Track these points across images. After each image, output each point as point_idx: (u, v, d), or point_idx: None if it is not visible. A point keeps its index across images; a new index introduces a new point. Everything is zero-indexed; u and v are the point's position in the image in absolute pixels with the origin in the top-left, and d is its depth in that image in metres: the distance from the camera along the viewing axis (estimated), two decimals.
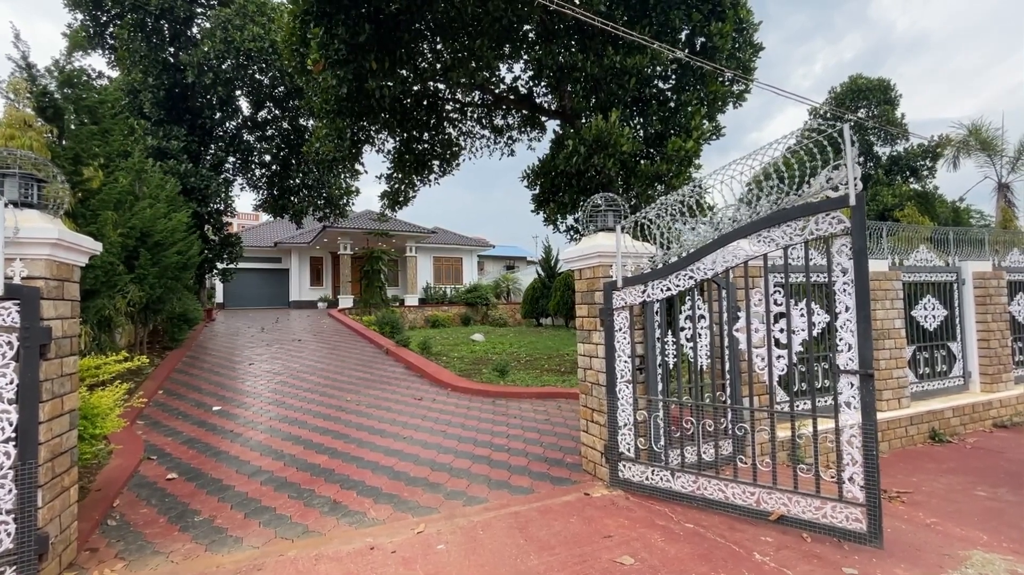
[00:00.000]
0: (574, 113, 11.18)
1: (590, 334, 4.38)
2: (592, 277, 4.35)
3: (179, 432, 5.83)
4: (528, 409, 6.85)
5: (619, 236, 4.07)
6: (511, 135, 14.39)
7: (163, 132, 14.46)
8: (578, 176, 9.96)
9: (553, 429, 5.86)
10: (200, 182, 14.76)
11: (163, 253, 7.99)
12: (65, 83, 5.68)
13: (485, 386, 8.05)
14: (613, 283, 4.10)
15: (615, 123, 8.84)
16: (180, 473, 4.56)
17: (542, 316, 22.52)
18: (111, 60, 16.82)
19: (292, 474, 4.51)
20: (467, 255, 29.97)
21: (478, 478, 4.39)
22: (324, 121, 10.42)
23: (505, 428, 5.91)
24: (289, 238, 26.49)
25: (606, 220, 4.40)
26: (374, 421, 6.25)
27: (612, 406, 4.08)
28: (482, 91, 12.45)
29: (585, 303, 4.46)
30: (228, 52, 14.13)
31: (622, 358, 4.05)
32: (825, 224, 3.15)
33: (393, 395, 7.71)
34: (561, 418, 6.37)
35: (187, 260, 9.89)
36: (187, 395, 7.62)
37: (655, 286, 3.90)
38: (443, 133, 13.36)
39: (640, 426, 4.01)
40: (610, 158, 9.17)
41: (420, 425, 6.06)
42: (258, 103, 18.70)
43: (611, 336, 4.10)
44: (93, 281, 5.22)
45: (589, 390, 4.42)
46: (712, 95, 10.49)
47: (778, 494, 3.36)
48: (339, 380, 8.79)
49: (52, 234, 2.79)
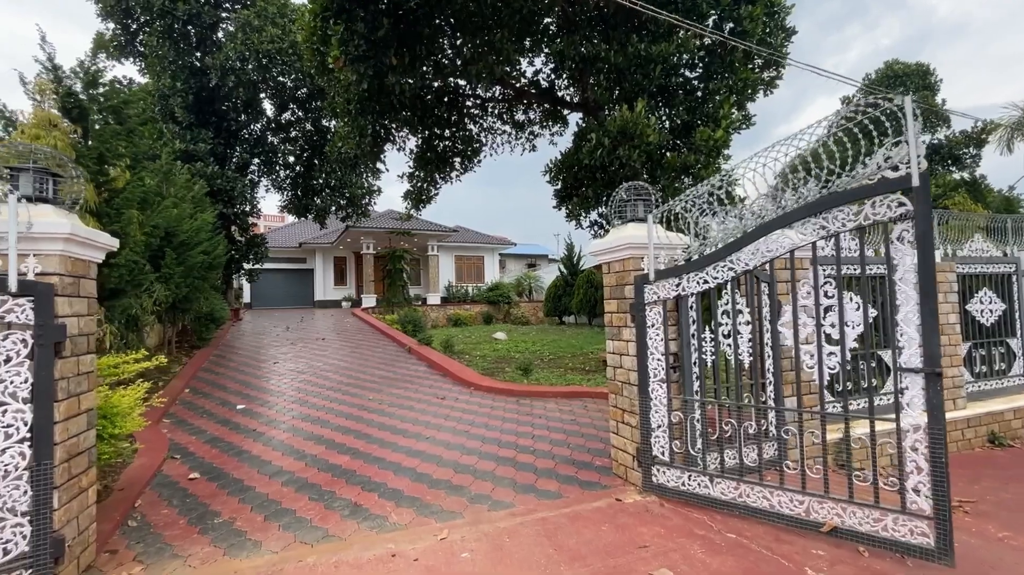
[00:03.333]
0: (597, 105, 10.91)
1: (620, 331, 4.16)
2: (622, 271, 4.12)
3: (203, 431, 5.82)
4: (553, 409, 6.64)
5: (650, 226, 3.83)
6: (532, 130, 14.18)
7: (191, 135, 14.74)
8: (602, 170, 9.68)
9: (580, 430, 5.65)
10: (226, 184, 14.99)
11: (188, 253, 8.06)
12: (90, 84, 5.73)
13: (509, 385, 7.88)
14: (645, 276, 3.87)
15: (641, 113, 8.54)
16: (202, 472, 4.51)
17: (564, 314, 22.24)
18: (142, 68, 17.25)
19: (313, 474, 4.41)
20: (488, 253, 29.87)
21: (503, 481, 4.21)
22: (346, 120, 10.40)
23: (530, 428, 5.73)
24: (313, 238, 26.83)
25: (636, 210, 4.17)
26: (396, 420, 6.14)
27: (644, 407, 3.85)
28: (503, 86, 12.27)
29: (614, 298, 4.23)
30: (249, 54, 14.29)
31: (655, 356, 3.82)
32: (883, 208, 2.86)
33: (416, 394, 7.60)
34: (588, 418, 6.14)
35: (213, 260, 9.99)
36: (212, 393, 7.66)
37: (690, 279, 3.65)
38: (464, 130, 13.24)
39: (675, 428, 3.76)
40: (635, 150, 8.87)
41: (443, 425, 5.92)
42: (281, 105, 18.94)
43: (643, 332, 3.87)
44: (118, 280, 5.24)
45: (619, 390, 4.20)
46: (742, 82, 10.09)
47: (830, 503, 3.08)
48: (362, 379, 8.73)
49: (65, 228, 2.72)
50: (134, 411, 3.86)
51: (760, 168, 3.37)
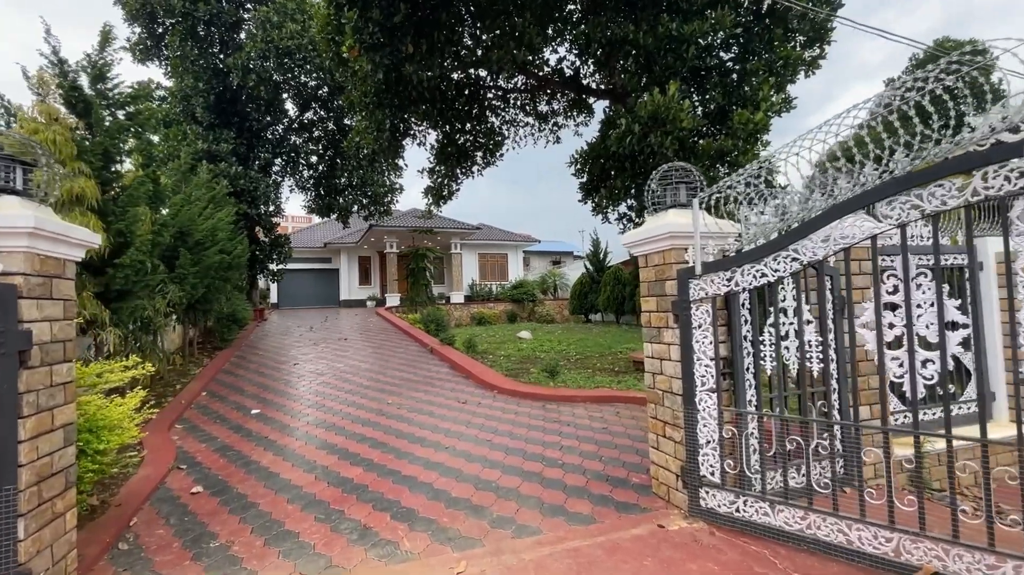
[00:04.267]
0: (625, 91, 10.33)
1: (660, 332, 3.66)
2: (661, 263, 3.62)
3: (214, 438, 5.56)
4: (582, 415, 6.17)
5: (696, 212, 3.32)
6: (556, 121, 13.66)
7: (213, 136, 14.77)
8: (631, 159, 9.12)
9: (612, 440, 5.16)
10: (249, 184, 14.98)
11: (204, 252, 7.88)
12: (97, 78, 5.54)
13: (534, 388, 7.43)
14: (690, 270, 3.36)
15: (674, 97, 7.95)
16: (206, 486, 4.21)
17: (591, 312, 21.67)
18: (167, 71, 17.45)
19: (322, 490, 4.06)
20: (512, 251, 29.46)
21: (529, 501, 3.77)
22: (363, 114, 10.11)
23: (558, 438, 5.27)
24: (338, 238, 26.91)
25: (677, 194, 3.66)
26: (415, 427, 5.77)
27: (691, 419, 3.35)
28: (525, 75, 11.80)
29: (653, 295, 3.73)
30: (268, 51, 14.20)
31: (703, 361, 3.31)
32: (998, 180, 2.29)
33: (436, 398, 7.23)
34: (620, 426, 5.65)
35: (232, 260, 9.85)
36: (229, 397, 7.45)
37: (746, 272, 3.13)
38: (485, 122, 12.82)
39: (727, 444, 3.26)
40: (667, 136, 8.28)
41: (464, 433, 5.52)
42: (303, 104, 18.92)
43: (688, 334, 3.37)
44: (124, 281, 5.02)
45: (660, 399, 3.70)
46: (782, 61, 9.37)
47: (928, 543, 2.53)
48: (381, 381, 8.43)
49: (28, 222, 2.40)
50: (129, 422, 3.56)
51: (829, 137, 2.82)
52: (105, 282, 5.04)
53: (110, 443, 3.12)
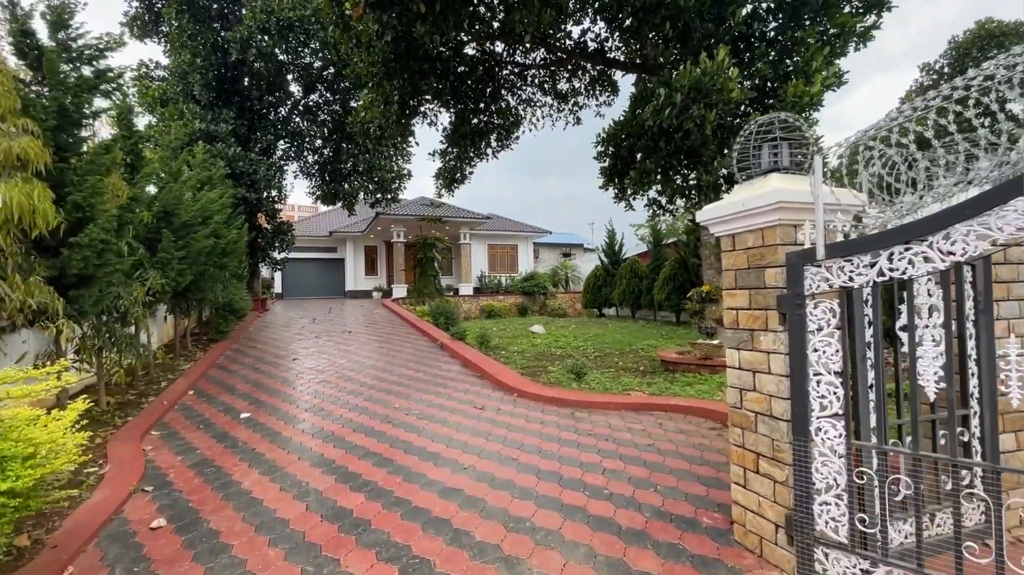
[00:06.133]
0: (657, 63, 9.38)
1: (754, 336, 2.79)
2: (759, 246, 2.74)
3: (193, 449, 4.77)
4: (620, 427, 5.31)
5: (818, 176, 2.43)
6: (576, 100, 12.72)
7: (212, 115, 13.94)
8: (666, 136, 8.19)
9: (664, 462, 4.30)
10: (249, 166, 14.16)
11: (192, 236, 7.06)
12: (56, 25, 4.71)
13: (558, 391, 6.59)
14: (807, 253, 2.48)
15: (723, 63, 7.01)
16: (172, 517, 3.41)
17: (604, 306, 20.79)
18: (166, 48, 16.63)
19: (314, 527, 3.24)
20: (523, 242, 28.54)
21: (577, 551, 2.93)
22: (369, 86, 9.23)
23: (597, 457, 4.42)
24: (344, 227, 26.09)
25: (779, 155, 2.78)
26: (427, 439, 4.95)
27: (803, 454, 2.49)
28: (546, 48, 10.85)
29: (743, 287, 2.86)
30: (269, 24, 13.30)
31: (824, 377, 2.44)
32: None
33: (449, 402, 6.41)
34: (668, 443, 4.79)
35: (227, 245, 9.04)
36: (217, 397, 6.67)
37: (896, 256, 2.24)
38: (501, 101, 11.90)
39: (855, 491, 2.39)
40: (711, 109, 7.35)
41: (484, 448, 4.69)
42: (308, 87, 18.05)
43: (801, 340, 2.50)
44: (83, 263, 4.21)
45: (750, 423, 2.84)
46: (837, 29, 8.39)
47: None
48: (388, 380, 7.62)
49: None
50: (60, 446, 2.75)
51: None
52: (60, 265, 4.23)
53: (22, 480, 2.30)
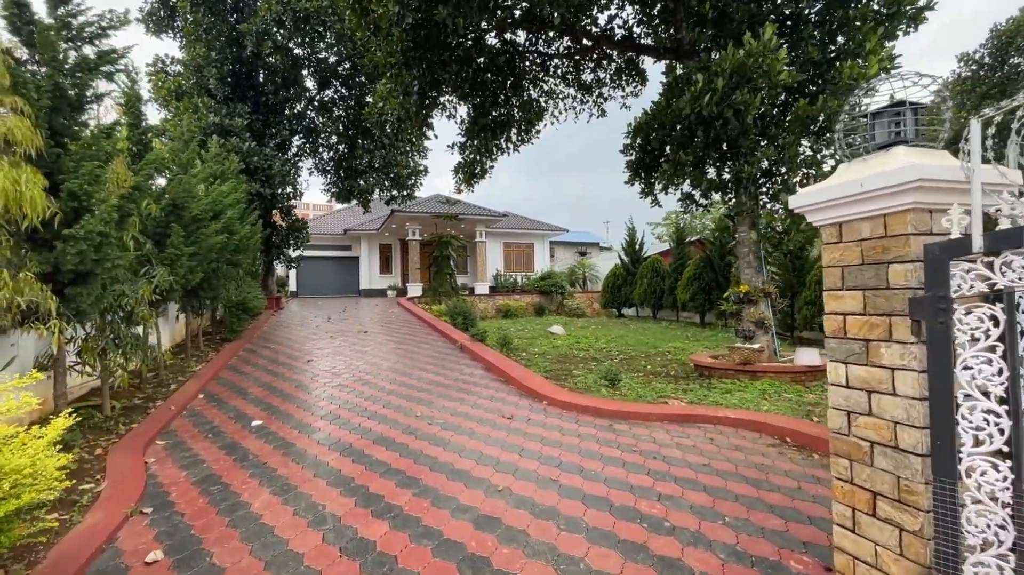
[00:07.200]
0: (692, 48, 8.80)
1: (871, 348, 2.26)
2: (877, 236, 2.21)
3: (199, 461, 4.36)
4: (667, 442, 4.79)
5: (976, 146, 1.90)
6: (601, 92, 12.16)
7: (227, 110, 13.66)
8: (705, 125, 7.63)
9: (726, 485, 3.78)
10: (263, 161, 13.86)
11: (202, 231, 6.69)
12: (57, 0, 4.34)
13: (592, 400, 6.08)
14: (956, 244, 1.95)
15: (771, 42, 6.43)
16: (170, 548, 2.98)
17: (624, 306, 20.22)
18: (182, 44, 16.44)
19: (332, 564, 2.78)
20: (539, 240, 28.04)
21: None
22: (388, 75, 8.79)
23: (647, 479, 3.91)
24: (359, 225, 25.84)
25: (902, 124, 2.25)
26: (453, 454, 4.48)
27: (948, 500, 1.96)
28: (571, 36, 10.33)
29: (854, 287, 2.33)
30: (284, 15, 12.96)
31: (979, 403, 1.91)
32: None
33: (474, 410, 5.95)
34: (726, 462, 4.26)
35: (239, 242, 8.68)
36: (228, 401, 6.29)
37: None
38: (523, 92, 11.40)
39: None
40: (757, 94, 6.77)
41: (518, 466, 4.21)
42: (323, 82, 17.75)
43: (945, 355, 1.97)
44: (78, 258, 3.83)
45: (864, 455, 2.31)
46: (894, 6, 7.74)
47: None
48: (408, 384, 7.18)
49: None
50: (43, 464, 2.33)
51: None
52: (54, 260, 3.85)
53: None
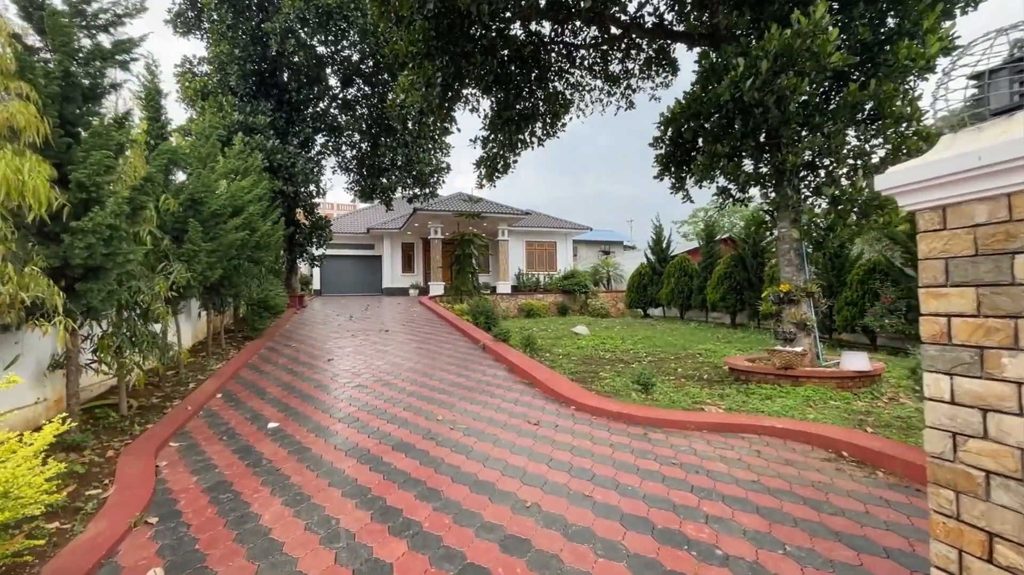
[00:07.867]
0: (730, 32, 8.32)
1: (986, 356, 1.85)
2: (998, 220, 1.81)
3: (212, 466, 4.16)
4: (708, 454, 4.39)
5: None
6: (629, 83, 11.72)
7: (251, 108, 13.69)
8: (743, 113, 7.17)
9: (782, 506, 3.38)
10: (287, 159, 13.84)
11: (221, 227, 6.55)
12: None
13: (623, 406, 5.70)
14: None
15: (822, 20, 5.94)
16: (172, 565, 2.75)
17: (650, 305, 19.69)
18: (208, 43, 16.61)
19: None
20: (561, 239, 27.61)
21: None
22: (411, 66, 8.56)
23: (692, 498, 3.53)
24: (381, 224, 25.88)
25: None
26: (477, 463, 4.18)
27: None
28: (599, 25, 9.94)
29: (963, 283, 1.93)
30: (308, 11, 12.88)
31: None
32: None
33: (498, 414, 5.64)
34: (778, 478, 3.85)
35: (260, 239, 8.57)
36: (246, 402, 6.13)
37: None
38: (548, 85, 11.05)
39: None
40: (804, 78, 6.28)
41: (547, 478, 3.88)
42: (346, 79, 17.72)
43: None
44: (87, 252, 3.66)
45: (977, 487, 1.91)
46: None
47: None
48: (429, 385, 6.92)
49: None
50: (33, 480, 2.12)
51: None
52: (63, 254, 3.69)
53: None
